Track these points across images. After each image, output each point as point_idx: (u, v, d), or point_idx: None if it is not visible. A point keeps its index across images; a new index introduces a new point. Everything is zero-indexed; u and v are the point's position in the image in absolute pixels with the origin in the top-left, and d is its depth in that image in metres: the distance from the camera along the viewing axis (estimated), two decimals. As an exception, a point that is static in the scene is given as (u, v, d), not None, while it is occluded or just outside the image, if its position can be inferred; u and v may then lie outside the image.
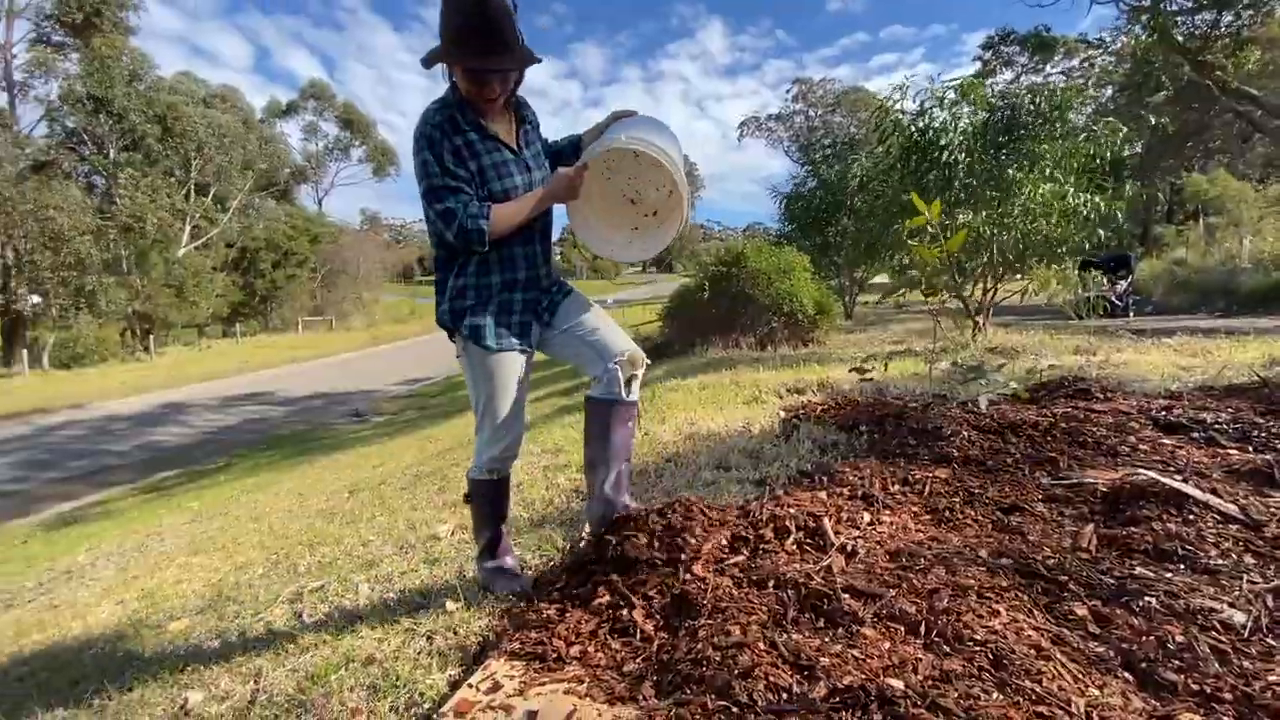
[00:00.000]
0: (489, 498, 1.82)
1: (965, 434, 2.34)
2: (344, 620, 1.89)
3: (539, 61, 1.60)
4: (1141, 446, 2.18)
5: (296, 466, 7.61)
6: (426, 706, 1.33)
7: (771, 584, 1.43)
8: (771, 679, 1.11)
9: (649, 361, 1.77)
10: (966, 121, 6.54)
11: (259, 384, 16.91)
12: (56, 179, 20.41)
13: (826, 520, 1.69)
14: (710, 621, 1.34)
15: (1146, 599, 1.32)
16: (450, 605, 1.76)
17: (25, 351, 19.09)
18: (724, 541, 1.68)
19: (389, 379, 16.78)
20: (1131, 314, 10.36)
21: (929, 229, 2.80)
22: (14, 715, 2.00)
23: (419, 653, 1.56)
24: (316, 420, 12.07)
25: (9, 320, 19.88)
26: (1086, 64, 22.67)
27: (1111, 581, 1.39)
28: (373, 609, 1.93)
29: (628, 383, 1.66)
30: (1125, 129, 6.53)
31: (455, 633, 1.61)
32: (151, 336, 22.62)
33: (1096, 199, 6.19)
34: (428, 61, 1.54)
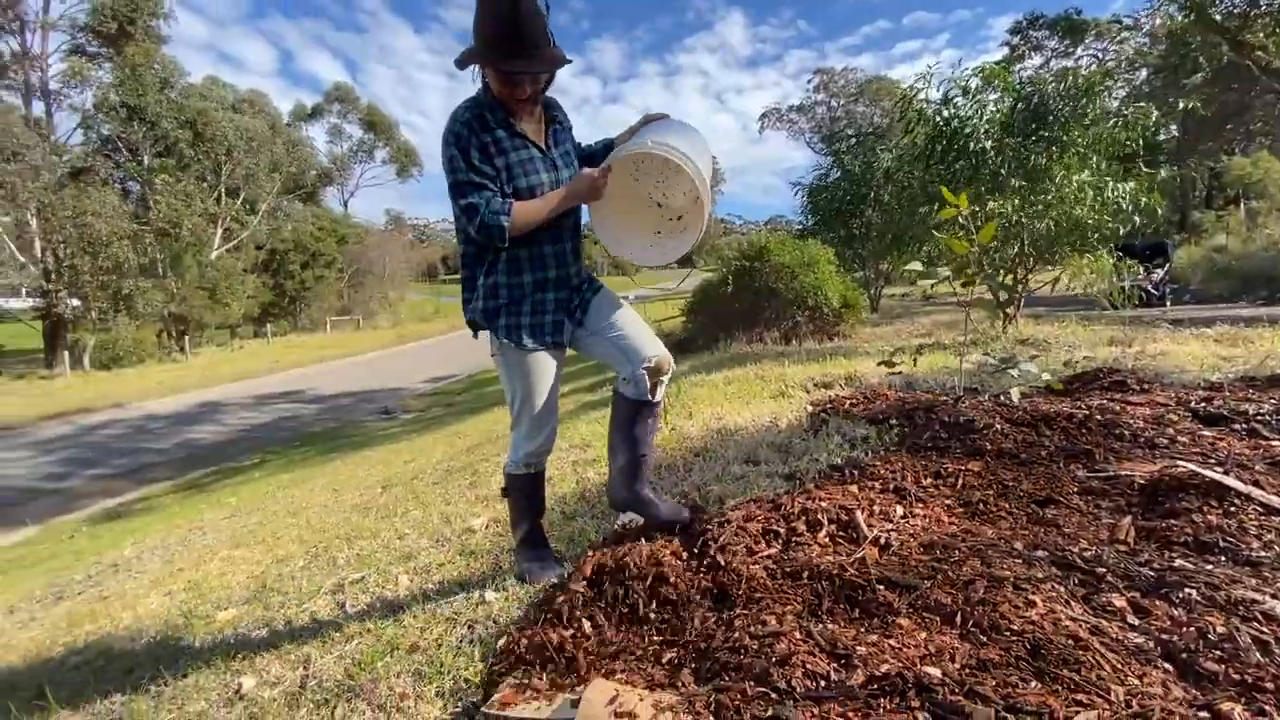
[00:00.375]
0: (525, 491, 1.86)
1: (998, 427, 2.32)
2: (386, 610, 1.96)
3: (569, 62, 1.63)
4: (1180, 439, 2.15)
5: (329, 463, 7.79)
6: (471, 693, 1.38)
7: (805, 575, 1.44)
8: (809, 666, 1.13)
9: (675, 367, 1.81)
10: (993, 109, 6.43)
11: (290, 383, 17.31)
12: (94, 185, 21.06)
13: (859, 513, 1.70)
14: (746, 611, 1.36)
15: (1187, 590, 1.31)
16: (490, 595, 1.81)
17: (67, 353, 19.79)
18: (756, 534, 1.70)
19: (415, 377, 17.04)
20: (1169, 303, 10.08)
21: (959, 220, 2.77)
22: (73, 702, 2.09)
23: (461, 641, 1.61)
24: (346, 418, 12.33)
25: (51, 323, 20.61)
26: (1119, 46, 22.01)
27: (1150, 573, 1.38)
28: (413, 599, 1.99)
29: (653, 387, 1.71)
30: (1157, 113, 6.35)
31: (495, 622, 1.66)
32: (186, 337, 23.27)
33: (1131, 185, 6.04)
34: (462, 63, 1.58)
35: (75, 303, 20.58)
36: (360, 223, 38.23)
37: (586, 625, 1.42)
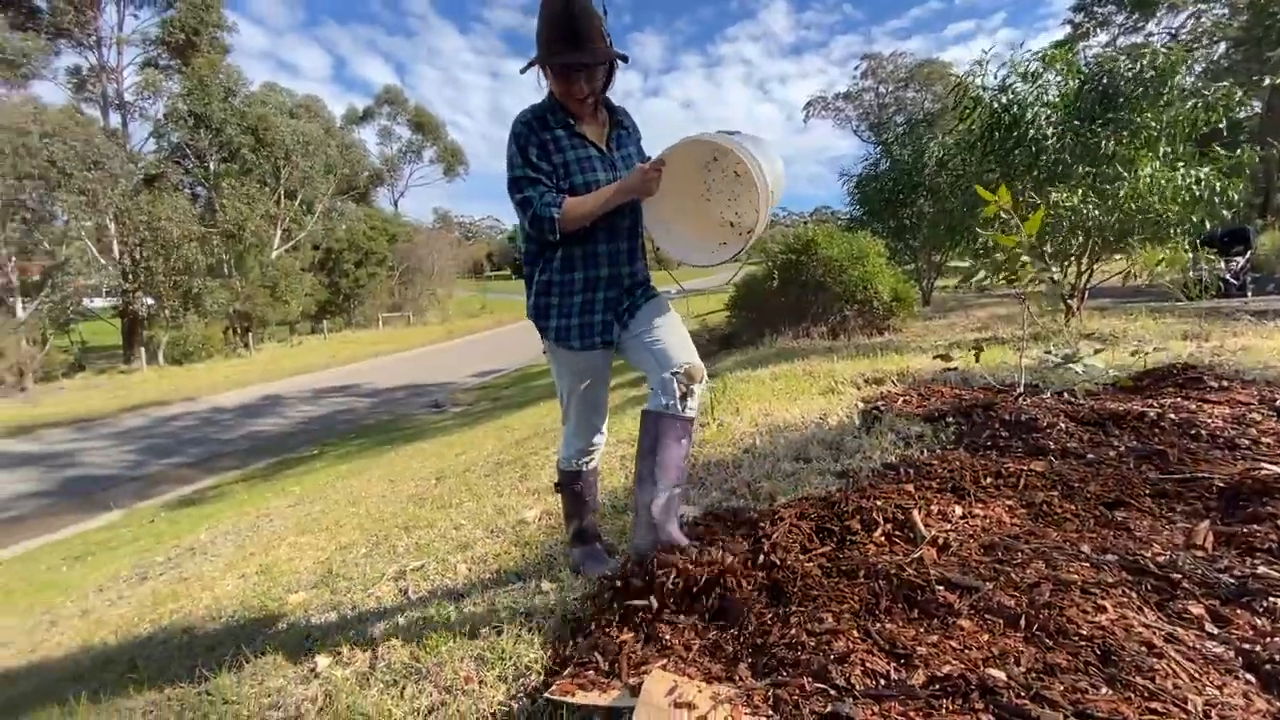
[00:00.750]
0: (578, 487, 1.91)
1: (1062, 425, 2.24)
2: (447, 597, 2.03)
3: (624, 59, 1.65)
4: (1265, 439, 2.03)
5: (384, 454, 8.08)
6: (533, 678, 1.43)
7: (862, 574, 1.44)
8: (868, 665, 1.13)
9: (710, 381, 1.76)
10: (1055, 92, 6.12)
11: (346, 377, 18.01)
12: (166, 191, 22.36)
13: (915, 513, 1.68)
14: (801, 609, 1.37)
15: (1271, 599, 1.24)
16: (546, 586, 1.87)
17: (143, 349, 21.10)
18: (809, 532, 1.70)
19: (463, 371, 17.48)
20: (1250, 293, 9.43)
21: (1003, 215, 2.67)
22: (162, 674, 2.25)
23: (520, 629, 1.66)
24: (399, 411, 12.75)
25: (128, 321, 22.03)
26: (1195, 19, 20.62)
27: (1231, 581, 1.32)
28: (472, 587, 2.06)
29: (683, 397, 1.60)
30: (1240, 92, 5.92)
31: (553, 611, 1.71)
32: (250, 334, 24.46)
33: (1206, 170, 5.67)
34: (525, 67, 1.62)
35: (150, 301, 21.93)
36: (410, 221, 39.34)
37: (642, 619, 1.45)
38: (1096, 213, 5.67)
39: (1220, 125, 5.79)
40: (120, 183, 20.25)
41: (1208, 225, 5.84)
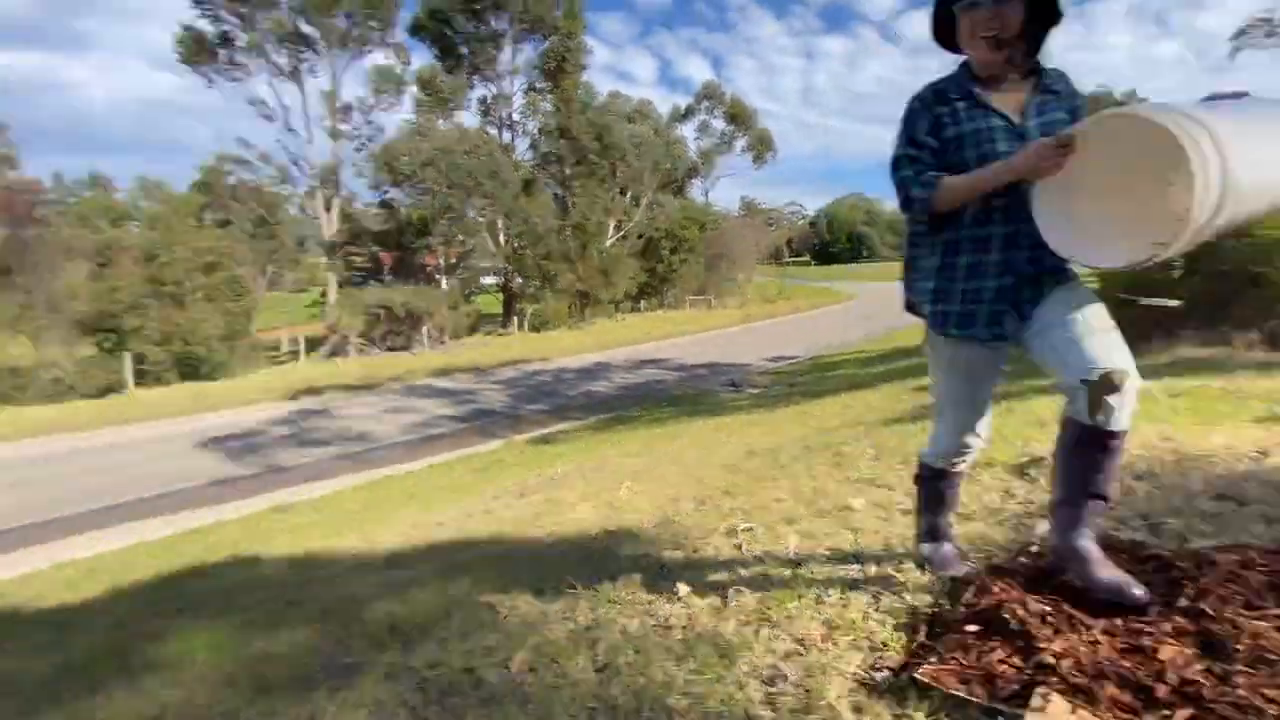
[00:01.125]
0: (940, 485, 1.82)
1: None
2: (780, 562, 2.16)
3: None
4: None
5: (692, 423, 8.85)
6: (891, 657, 1.45)
7: (1359, 652, 1.10)
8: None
9: (1141, 382, 1.35)
10: None
11: (658, 352, 20.12)
12: (537, 192, 27.78)
13: None
14: (1252, 670, 1.12)
15: None
16: (890, 571, 1.85)
17: (515, 318, 26.76)
18: (1258, 586, 1.36)
19: (757, 355, 17.98)
20: None
21: None
22: (554, 574, 2.75)
23: (867, 606, 1.69)
24: (701, 386, 13.76)
25: (507, 295, 28.11)
26: None
27: None
28: (805, 558, 2.14)
29: (1096, 408, 1.33)
30: None
31: (902, 597, 1.69)
32: (586, 310, 28.99)
33: None
34: (933, 25, 1.59)
35: (520, 281, 27.65)
36: (718, 211, 41.48)
37: (1019, 631, 1.36)
38: None
39: None
40: (509, 187, 25.82)
41: None
